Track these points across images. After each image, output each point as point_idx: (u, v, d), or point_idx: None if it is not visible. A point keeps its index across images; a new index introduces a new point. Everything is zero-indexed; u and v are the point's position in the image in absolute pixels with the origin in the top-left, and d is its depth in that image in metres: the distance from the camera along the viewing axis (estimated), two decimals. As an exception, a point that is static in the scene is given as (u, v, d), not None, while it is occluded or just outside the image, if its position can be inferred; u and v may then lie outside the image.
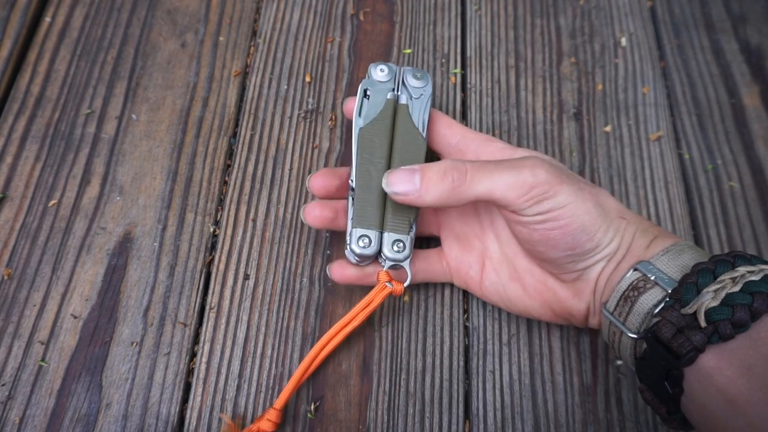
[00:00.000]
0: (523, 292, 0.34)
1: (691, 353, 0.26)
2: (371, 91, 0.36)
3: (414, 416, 0.35)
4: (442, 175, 0.30)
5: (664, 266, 0.29)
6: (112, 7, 0.46)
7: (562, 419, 0.35)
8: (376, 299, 0.34)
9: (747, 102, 0.46)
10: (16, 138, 0.41)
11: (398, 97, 0.36)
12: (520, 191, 0.29)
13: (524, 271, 0.34)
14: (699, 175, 0.43)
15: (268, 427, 0.32)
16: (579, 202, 0.30)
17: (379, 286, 0.34)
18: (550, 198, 0.29)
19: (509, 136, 0.43)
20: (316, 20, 0.47)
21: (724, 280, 0.26)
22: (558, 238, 0.30)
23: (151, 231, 0.39)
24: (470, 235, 0.36)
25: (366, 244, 0.33)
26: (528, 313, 0.35)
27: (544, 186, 0.29)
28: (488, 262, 0.35)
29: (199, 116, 0.43)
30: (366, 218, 0.33)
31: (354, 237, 0.33)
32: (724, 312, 0.25)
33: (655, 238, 0.31)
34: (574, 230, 0.30)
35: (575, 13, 0.49)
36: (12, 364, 0.35)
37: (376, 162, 0.34)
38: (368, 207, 0.33)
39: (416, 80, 0.36)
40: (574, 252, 0.31)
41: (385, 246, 0.33)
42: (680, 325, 0.26)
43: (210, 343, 0.36)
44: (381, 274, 0.34)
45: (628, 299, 0.29)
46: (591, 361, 0.36)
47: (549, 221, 0.30)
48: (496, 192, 0.30)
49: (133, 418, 0.34)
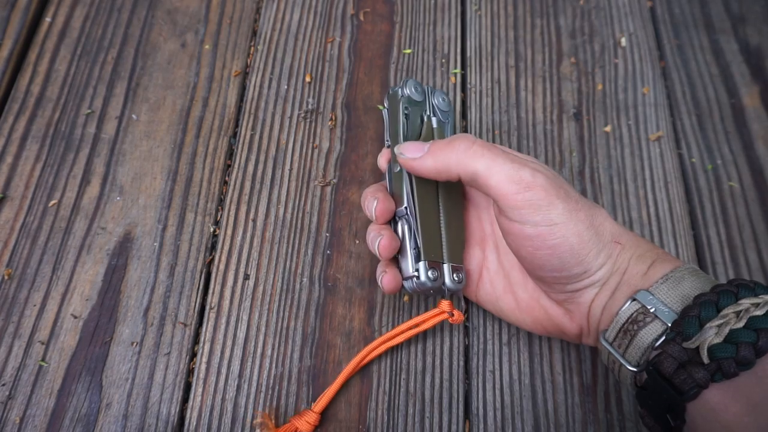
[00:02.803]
0: (515, 306, 0.34)
1: (694, 389, 0.25)
2: (410, 110, 0.36)
3: (414, 416, 0.35)
4: (449, 142, 0.31)
5: (663, 296, 0.28)
6: (112, 7, 0.46)
7: (562, 419, 0.35)
8: (429, 322, 0.34)
9: (747, 102, 0.46)
10: (17, 138, 0.41)
11: (431, 120, 0.36)
12: (516, 187, 0.29)
13: (518, 285, 0.34)
14: (699, 175, 0.43)
15: (305, 428, 0.33)
16: (571, 223, 0.29)
17: (436, 310, 0.34)
18: (543, 209, 0.29)
19: (509, 136, 0.43)
20: (316, 20, 0.47)
21: (727, 315, 0.25)
22: (544, 258, 0.29)
23: (152, 231, 0.39)
24: (472, 243, 0.36)
25: (436, 276, 0.33)
26: (519, 325, 0.34)
27: (540, 192, 0.29)
28: (485, 272, 0.35)
29: (199, 116, 0.43)
30: (433, 251, 0.33)
31: (423, 270, 0.32)
32: (728, 350, 0.25)
33: (653, 263, 0.29)
34: (562, 253, 0.29)
35: (575, 13, 0.49)
36: (12, 364, 0.35)
37: (430, 191, 0.34)
38: (433, 239, 0.33)
39: (444, 103, 0.37)
40: (560, 274, 0.30)
41: (447, 277, 0.33)
42: (682, 360, 0.26)
43: (210, 343, 0.36)
44: (444, 304, 0.34)
45: (627, 333, 0.28)
46: (591, 361, 0.36)
47: (536, 238, 0.29)
48: (493, 177, 0.29)
49: (134, 418, 0.34)
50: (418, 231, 0.33)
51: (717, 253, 0.41)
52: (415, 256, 0.33)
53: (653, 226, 0.41)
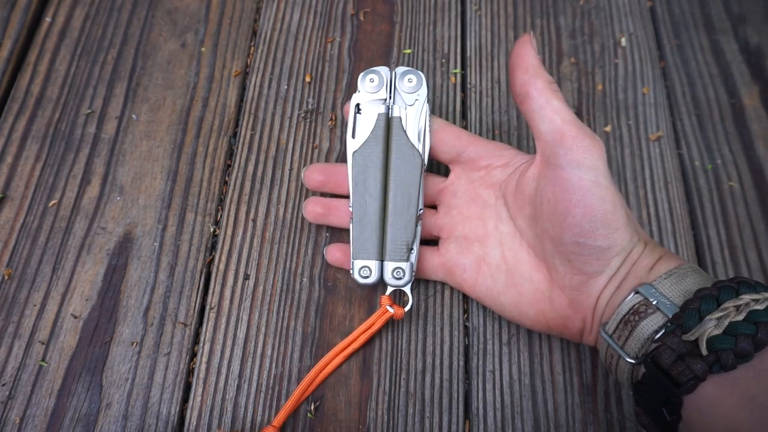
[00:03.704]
0: (519, 299, 0.33)
1: (692, 381, 0.25)
2: (363, 105, 0.35)
3: (414, 416, 0.35)
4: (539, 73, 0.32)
5: (666, 290, 0.28)
6: (112, 7, 0.46)
7: (562, 419, 0.35)
8: (378, 323, 0.35)
9: (747, 102, 0.46)
10: (17, 138, 0.41)
11: (391, 109, 0.35)
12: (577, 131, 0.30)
13: (524, 278, 0.33)
14: (699, 175, 0.43)
15: None
16: (611, 190, 0.30)
17: (380, 310, 0.35)
18: (593, 164, 0.29)
19: (509, 136, 0.43)
20: (316, 20, 0.47)
21: (727, 308, 0.26)
22: (578, 217, 0.29)
23: (152, 231, 0.39)
24: (472, 238, 0.36)
25: (367, 274, 0.34)
26: (520, 321, 0.34)
27: (596, 146, 0.30)
28: (485, 267, 0.35)
29: (199, 116, 0.43)
30: (365, 250, 0.34)
31: (356, 268, 0.34)
32: (727, 341, 0.25)
33: (660, 258, 0.30)
34: (596, 216, 0.29)
35: (575, 13, 0.49)
36: (12, 364, 0.35)
37: (371, 189, 0.34)
38: (367, 238, 0.35)
39: (408, 84, 0.35)
40: (586, 241, 0.29)
41: (386, 274, 0.35)
42: (681, 352, 0.26)
43: (210, 343, 0.36)
44: (383, 299, 0.35)
45: (628, 323, 0.28)
46: (591, 361, 0.36)
47: (579, 190, 0.29)
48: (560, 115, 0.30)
49: (134, 418, 0.34)
50: (352, 231, 0.35)
51: (717, 253, 0.41)
52: (352, 253, 0.35)
53: (653, 226, 0.41)
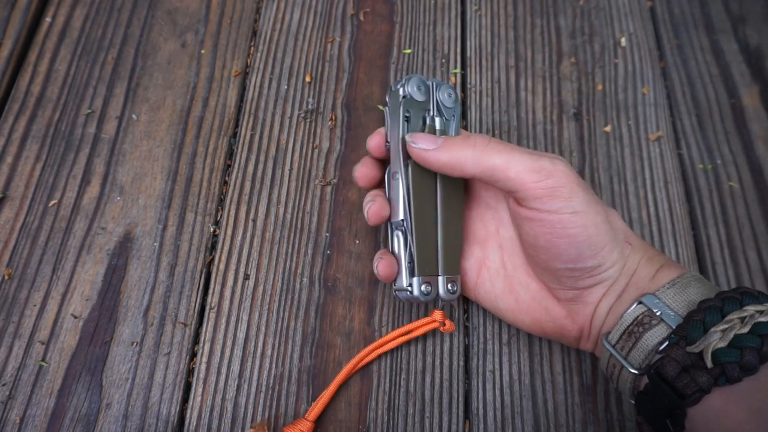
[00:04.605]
0: (515, 306, 0.34)
1: (697, 394, 0.25)
2: (412, 112, 0.34)
3: (414, 416, 0.35)
4: (465, 138, 0.31)
5: (670, 300, 0.28)
6: (112, 7, 0.46)
7: (562, 419, 0.35)
8: (421, 329, 0.34)
9: (746, 102, 0.46)
10: (17, 138, 0.41)
11: (434, 121, 0.35)
12: (537, 176, 0.28)
13: (520, 285, 0.33)
14: (699, 175, 0.43)
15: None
16: (591, 212, 0.29)
17: (430, 320, 0.34)
18: (564, 197, 0.28)
19: (509, 136, 0.43)
20: (316, 20, 0.47)
21: (732, 320, 0.26)
22: (562, 247, 0.29)
23: (152, 231, 0.39)
24: (473, 241, 0.36)
25: (429, 290, 0.33)
26: (518, 326, 0.34)
27: (562, 179, 0.28)
28: (485, 271, 0.35)
29: (199, 116, 0.43)
30: (428, 266, 0.33)
31: (417, 285, 0.33)
32: (733, 354, 0.25)
33: (661, 267, 0.30)
34: (580, 242, 0.29)
35: (575, 13, 0.49)
36: (12, 364, 0.35)
37: (428, 201, 0.34)
38: (429, 253, 0.33)
39: (449, 99, 0.35)
40: (575, 266, 0.30)
41: (441, 288, 0.33)
42: (685, 364, 0.26)
43: (210, 343, 0.36)
44: (437, 314, 0.34)
45: (632, 334, 0.28)
46: (591, 361, 0.36)
47: (557, 224, 0.29)
48: (512, 169, 0.29)
49: (134, 418, 0.34)
50: (413, 246, 0.33)
51: (717, 253, 0.41)
52: (409, 270, 0.33)
53: (653, 226, 0.41)
